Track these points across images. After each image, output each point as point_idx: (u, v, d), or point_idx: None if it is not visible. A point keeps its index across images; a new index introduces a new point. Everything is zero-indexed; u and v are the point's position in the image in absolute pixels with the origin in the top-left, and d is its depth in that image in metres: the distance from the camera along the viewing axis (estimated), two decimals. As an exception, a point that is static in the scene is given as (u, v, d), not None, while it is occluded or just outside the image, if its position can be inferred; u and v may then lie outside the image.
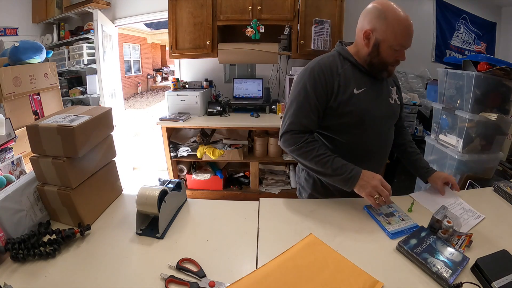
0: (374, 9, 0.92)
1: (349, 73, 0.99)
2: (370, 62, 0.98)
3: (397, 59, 0.95)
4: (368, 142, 1.02)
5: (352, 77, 0.99)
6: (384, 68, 0.97)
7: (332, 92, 0.97)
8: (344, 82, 0.97)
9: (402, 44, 0.91)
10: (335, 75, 0.97)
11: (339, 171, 0.92)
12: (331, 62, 1.00)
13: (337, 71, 0.98)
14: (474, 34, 2.85)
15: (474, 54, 2.76)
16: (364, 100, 0.98)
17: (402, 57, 0.94)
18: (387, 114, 1.05)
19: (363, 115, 0.98)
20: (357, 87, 0.98)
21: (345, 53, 1.02)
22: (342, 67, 0.99)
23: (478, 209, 0.97)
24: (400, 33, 0.89)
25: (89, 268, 0.72)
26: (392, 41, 0.90)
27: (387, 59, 0.94)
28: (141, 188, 0.86)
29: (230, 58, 2.53)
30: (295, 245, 0.77)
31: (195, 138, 2.57)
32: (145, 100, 10.60)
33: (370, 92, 1.00)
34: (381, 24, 0.90)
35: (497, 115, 1.66)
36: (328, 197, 1.08)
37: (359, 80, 0.99)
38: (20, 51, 1.70)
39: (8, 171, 1.26)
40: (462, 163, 1.73)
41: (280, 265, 0.71)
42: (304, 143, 0.96)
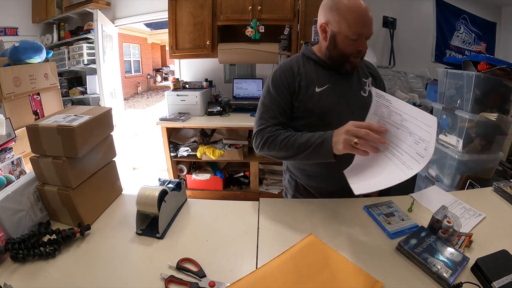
0: (328, 1, 0.91)
1: (311, 72, 0.98)
2: (329, 56, 0.96)
3: (358, 49, 0.91)
4: None
5: (314, 76, 0.98)
6: (345, 60, 0.94)
7: (294, 92, 0.97)
8: (306, 81, 0.97)
9: (357, 33, 0.88)
10: (296, 75, 0.97)
11: (309, 142, 0.85)
12: (292, 63, 1.00)
13: (298, 71, 0.98)
14: (474, 34, 2.85)
15: (474, 54, 2.76)
16: (327, 98, 0.96)
17: (362, 46, 0.91)
18: (358, 108, 0.98)
19: (326, 112, 0.96)
20: (319, 85, 0.97)
21: (307, 53, 1.02)
22: (304, 67, 0.99)
23: (478, 209, 0.97)
24: (354, 21, 0.86)
25: (89, 268, 0.72)
26: (347, 31, 0.88)
27: (345, 51, 0.92)
28: (141, 188, 0.86)
29: (230, 58, 2.53)
30: (295, 245, 0.77)
31: (195, 138, 2.57)
32: (145, 100, 10.60)
33: (335, 88, 0.97)
34: (333, 16, 0.89)
35: (497, 115, 1.66)
36: (309, 198, 1.09)
37: (323, 78, 0.98)
38: (20, 51, 1.71)
39: (8, 171, 1.26)
40: (462, 163, 1.72)
41: (280, 265, 0.71)
42: (268, 134, 0.93)
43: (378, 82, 1.10)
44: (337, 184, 1.03)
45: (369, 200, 1.02)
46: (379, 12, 2.67)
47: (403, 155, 0.70)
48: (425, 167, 2.12)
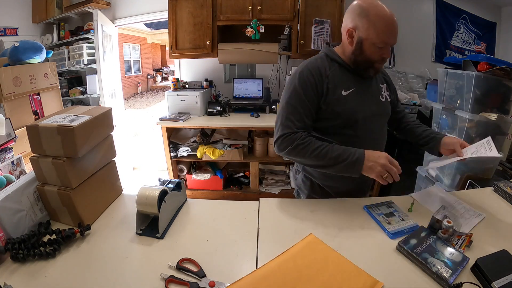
0: (356, 6, 0.92)
1: (337, 75, 0.99)
2: (354, 60, 0.98)
3: (382, 57, 0.94)
4: (360, 142, 1.00)
5: (340, 79, 0.99)
6: (369, 66, 0.97)
7: (322, 94, 0.97)
8: (333, 83, 0.97)
9: (385, 42, 0.90)
10: (323, 77, 0.97)
11: (341, 158, 0.89)
12: (319, 65, 1.00)
13: (326, 72, 0.98)
14: (474, 34, 2.85)
15: (474, 54, 2.76)
16: (353, 101, 0.98)
17: (386, 54, 0.94)
18: (378, 112, 1.04)
19: (352, 116, 0.98)
20: (346, 88, 0.98)
21: (331, 54, 1.02)
22: (330, 69, 0.99)
23: (478, 209, 0.97)
24: (382, 30, 0.89)
25: (89, 268, 0.72)
26: (374, 39, 0.90)
27: (371, 57, 0.94)
28: (141, 188, 0.86)
29: (230, 58, 2.53)
30: (295, 245, 0.77)
31: (195, 138, 2.57)
32: (145, 100, 10.60)
33: (359, 92, 1.00)
34: (363, 22, 0.90)
35: (497, 115, 1.66)
36: (325, 197, 1.08)
37: (348, 81, 0.99)
38: (20, 51, 1.70)
39: (8, 171, 1.26)
40: (462, 163, 1.72)
41: (280, 265, 0.71)
42: (299, 141, 0.93)
43: (391, 88, 1.14)
44: (353, 183, 1.06)
45: (369, 200, 1.02)
46: (379, 12, 2.67)
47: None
48: (425, 167, 2.11)
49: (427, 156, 2.09)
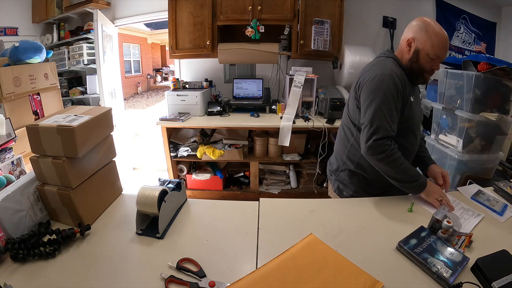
0: (417, 21, 1.05)
1: (406, 81, 1.07)
2: (410, 68, 1.08)
3: (432, 68, 1.05)
4: (413, 144, 1.14)
5: (408, 84, 1.07)
6: (421, 75, 1.07)
7: (404, 98, 1.05)
8: (405, 88, 1.05)
9: (438, 54, 1.02)
10: (403, 82, 1.05)
11: (414, 178, 1.00)
12: (400, 71, 1.06)
13: (404, 78, 1.06)
14: (474, 34, 2.85)
15: (474, 54, 2.76)
16: (415, 107, 1.11)
17: (437, 66, 1.05)
18: (421, 118, 1.19)
19: (415, 120, 1.12)
20: (412, 95, 1.09)
21: (399, 61, 1.10)
22: (400, 74, 1.06)
23: (477, 209, 0.97)
24: (437, 44, 1.00)
25: (89, 268, 0.72)
26: (429, 50, 1.01)
27: (424, 66, 1.05)
28: (141, 188, 0.86)
29: (230, 58, 2.53)
30: (295, 245, 0.77)
31: (195, 138, 2.57)
32: (145, 100, 10.60)
33: (417, 99, 1.14)
34: (422, 35, 1.02)
35: (497, 115, 1.65)
36: (369, 193, 1.12)
37: (411, 88, 1.09)
38: (20, 51, 1.70)
39: (8, 171, 1.25)
40: (462, 163, 1.72)
41: (280, 265, 0.71)
42: (391, 152, 0.99)
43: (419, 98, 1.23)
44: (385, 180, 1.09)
45: (369, 201, 1.02)
46: (379, 12, 2.67)
47: None
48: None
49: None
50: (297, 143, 2.45)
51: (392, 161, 1.00)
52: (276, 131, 2.35)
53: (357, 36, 2.60)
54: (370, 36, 2.70)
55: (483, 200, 1.02)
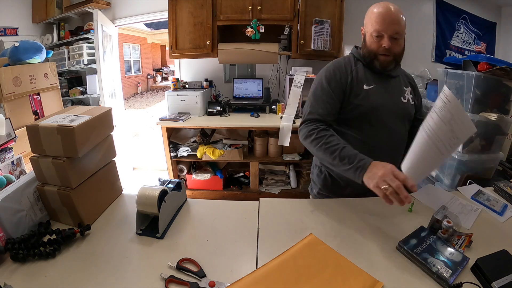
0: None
1: (361, 72, 1.07)
2: (363, 54, 1.07)
3: (383, 47, 0.99)
4: (377, 137, 1.06)
5: (364, 75, 1.06)
6: (373, 58, 1.04)
7: (346, 86, 1.04)
8: (357, 78, 1.05)
9: (377, 30, 0.98)
10: (349, 72, 1.06)
11: (347, 160, 0.89)
12: (345, 62, 1.10)
13: (351, 68, 1.07)
14: (474, 34, 2.85)
15: (474, 54, 2.76)
16: (373, 96, 1.04)
17: (385, 43, 0.98)
18: (397, 112, 1.08)
19: (371, 110, 1.04)
20: (367, 84, 1.05)
21: (357, 54, 1.11)
22: (355, 66, 1.08)
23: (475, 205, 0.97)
24: (375, 19, 0.97)
25: (89, 268, 0.72)
26: (370, 29, 1.00)
27: (371, 48, 1.02)
28: (141, 188, 0.85)
29: (230, 58, 2.53)
30: (295, 245, 0.77)
31: (195, 138, 2.57)
32: (145, 100, 10.61)
33: (380, 89, 1.05)
34: (365, 19, 1.03)
35: (497, 115, 1.66)
36: (336, 193, 1.12)
37: (370, 79, 1.06)
38: (20, 51, 1.71)
39: (8, 171, 1.25)
40: (462, 163, 1.72)
41: (280, 265, 0.71)
42: (316, 131, 0.98)
43: (416, 93, 1.18)
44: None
45: (369, 201, 1.02)
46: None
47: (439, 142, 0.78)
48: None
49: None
50: (297, 143, 2.46)
51: (315, 139, 0.97)
52: (276, 131, 2.36)
53: (357, 36, 2.59)
54: (370, 36, 2.70)
55: (483, 200, 1.02)
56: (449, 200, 1.02)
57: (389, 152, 1.07)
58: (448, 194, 1.07)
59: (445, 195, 1.07)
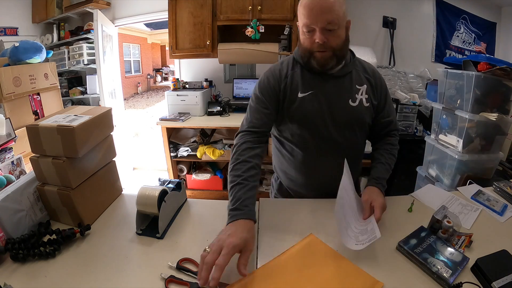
0: None
1: (297, 76, 0.95)
2: (300, 55, 0.94)
3: (316, 43, 0.85)
4: (319, 151, 0.96)
5: (300, 80, 0.94)
6: (309, 56, 0.90)
7: (280, 93, 0.94)
8: (291, 84, 0.94)
9: (306, 24, 0.84)
10: (283, 78, 0.95)
11: (231, 200, 0.77)
12: (281, 66, 0.98)
13: (286, 74, 0.95)
14: (474, 34, 2.85)
15: (474, 54, 2.76)
16: (308, 104, 0.92)
17: (317, 37, 0.84)
18: (342, 119, 0.94)
19: (306, 120, 0.93)
20: (303, 90, 0.93)
21: (297, 56, 0.97)
22: (292, 69, 0.96)
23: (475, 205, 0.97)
24: (303, 13, 0.84)
25: (89, 268, 0.72)
26: (300, 25, 0.87)
27: (304, 45, 0.89)
28: (141, 188, 0.85)
29: (230, 58, 2.53)
30: (295, 245, 0.77)
31: (195, 138, 2.57)
32: (145, 100, 10.61)
33: (319, 95, 0.93)
34: (298, 13, 0.88)
35: (497, 115, 1.66)
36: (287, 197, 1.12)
37: (308, 83, 0.94)
38: (20, 51, 1.71)
39: (8, 171, 1.25)
40: (462, 163, 1.72)
41: (280, 265, 0.71)
42: (239, 149, 0.87)
43: (377, 90, 0.99)
44: (316, 192, 1.05)
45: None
46: (379, 12, 2.67)
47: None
48: (425, 167, 2.12)
49: (427, 156, 2.09)
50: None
51: (233, 157, 0.87)
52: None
53: (357, 36, 2.60)
54: (370, 36, 2.70)
55: (483, 200, 1.02)
56: (449, 200, 1.02)
57: (333, 165, 0.95)
58: (448, 194, 1.07)
59: (445, 195, 1.07)
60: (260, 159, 0.89)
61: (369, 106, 0.97)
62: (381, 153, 1.01)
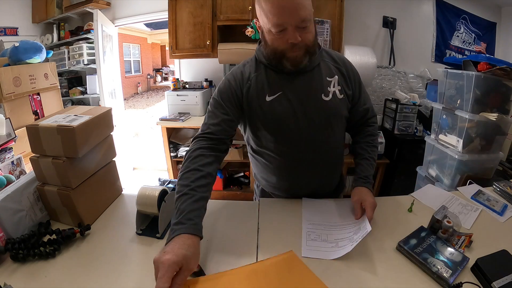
0: None
1: (262, 78, 0.88)
2: (266, 55, 0.86)
3: (289, 42, 0.77)
4: (296, 152, 0.91)
5: (265, 82, 0.87)
6: (281, 57, 0.82)
7: (242, 98, 0.88)
8: (255, 88, 0.87)
9: (277, 24, 0.75)
10: (245, 81, 0.88)
11: (175, 213, 0.69)
12: (243, 68, 0.90)
13: (249, 76, 0.88)
14: (474, 34, 2.85)
15: (474, 54, 2.76)
16: (279, 107, 0.86)
17: (291, 37, 0.76)
18: (316, 115, 0.88)
19: (278, 123, 0.88)
20: (270, 93, 0.86)
21: (259, 55, 0.89)
22: (255, 72, 0.89)
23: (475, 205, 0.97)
24: (269, 11, 0.74)
25: (89, 268, 0.72)
26: (266, 24, 0.77)
27: (275, 45, 0.80)
28: (141, 188, 0.85)
29: (230, 58, 2.53)
30: (271, 258, 0.73)
31: (195, 138, 2.57)
32: (145, 100, 10.61)
33: (288, 95, 0.86)
34: (257, 9, 0.79)
35: (497, 115, 1.66)
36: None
37: (274, 84, 0.87)
38: (20, 51, 1.71)
39: (8, 171, 1.25)
40: (462, 163, 1.72)
41: (249, 274, 0.67)
42: (190, 156, 0.79)
43: (349, 79, 0.93)
44: (299, 195, 1.02)
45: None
46: (379, 12, 2.67)
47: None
48: (425, 167, 2.12)
49: (427, 156, 2.09)
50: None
51: (184, 164, 0.79)
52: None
53: (357, 36, 2.60)
54: (370, 36, 2.70)
55: (483, 200, 1.02)
56: (449, 200, 1.02)
57: (315, 166, 0.93)
58: (448, 194, 1.07)
59: (445, 195, 1.07)
60: (214, 169, 0.81)
61: (343, 97, 0.91)
62: (363, 147, 0.98)
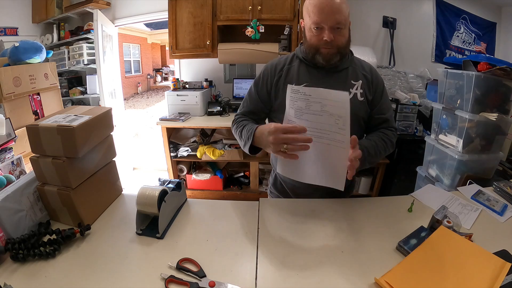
0: None
1: (294, 70, 1.01)
2: (305, 51, 0.99)
3: (324, 40, 0.89)
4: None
5: (295, 74, 1.00)
6: (315, 52, 0.94)
7: (272, 86, 1.01)
8: (285, 77, 1.00)
9: (316, 22, 0.88)
10: (278, 71, 1.01)
11: (243, 136, 0.93)
12: (280, 61, 1.05)
13: (282, 67, 1.02)
14: (474, 34, 2.85)
15: (474, 54, 2.76)
16: None
17: (326, 35, 0.88)
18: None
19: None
20: (297, 83, 0.97)
21: (298, 51, 1.04)
22: (290, 64, 1.02)
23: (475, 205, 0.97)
24: (312, 11, 0.88)
25: (89, 268, 0.72)
26: (309, 23, 0.91)
27: (311, 42, 0.93)
28: (141, 188, 0.85)
29: (230, 58, 2.53)
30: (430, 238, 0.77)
31: (195, 138, 2.57)
32: (145, 100, 10.61)
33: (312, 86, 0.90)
34: (304, 11, 0.93)
35: (497, 115, 1.66)
36: (282, 194, 1.16)
37: (304, 76, 0.99)
38: (20, 51, 1.71)
39: (8, 171, 1.25)
40: (462, 163, 1.72)
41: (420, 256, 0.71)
42: (236, 121, 1.03)
43: (372, 84, 1.01)
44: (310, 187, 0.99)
45: (369, 200, 1.02)
46: (379, 12, 2.67)
47: (329, 134, 0.78)
48: (425, 167, 2.12)
49: (427, 156, 2.09)
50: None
51: (234, 129, 1.02)
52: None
53: (357, 36, 2.60)
54: (370, 36, 2.70)
55: (483, 200, 1.02)
56: (449, 200, 1.02)
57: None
58: (448, 194, 1.07)
59: (445, 195, 1.07)
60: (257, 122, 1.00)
61: (363, 100, 0.99)
62: (371, 136, 1.00)
